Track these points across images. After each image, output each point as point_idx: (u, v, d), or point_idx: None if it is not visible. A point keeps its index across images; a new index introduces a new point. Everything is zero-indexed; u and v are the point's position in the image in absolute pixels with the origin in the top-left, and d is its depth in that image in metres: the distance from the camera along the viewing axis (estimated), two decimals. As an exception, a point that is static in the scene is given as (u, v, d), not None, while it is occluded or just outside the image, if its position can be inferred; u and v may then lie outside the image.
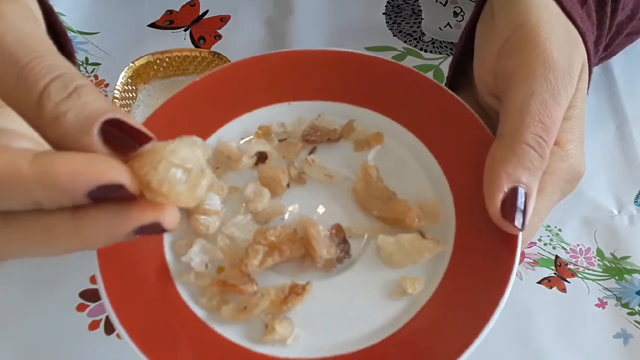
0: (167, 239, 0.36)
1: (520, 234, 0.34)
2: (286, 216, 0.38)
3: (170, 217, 0.26)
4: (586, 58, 0.38)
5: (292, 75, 0.42)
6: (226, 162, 0.40)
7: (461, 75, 0.44)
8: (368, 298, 0.35)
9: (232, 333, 0.34)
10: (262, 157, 0.39)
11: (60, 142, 0.26)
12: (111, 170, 0.24)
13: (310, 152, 0.40)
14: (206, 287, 0.35)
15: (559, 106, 0.35)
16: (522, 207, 0.33)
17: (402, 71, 0.41)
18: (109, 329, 0.45)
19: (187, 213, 0.36)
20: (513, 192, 0.33)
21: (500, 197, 0.33)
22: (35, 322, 0.45)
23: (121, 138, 0.26)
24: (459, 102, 0.38)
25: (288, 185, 0.39)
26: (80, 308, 0.46)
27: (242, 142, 0.41)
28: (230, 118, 0.41)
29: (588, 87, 0.39)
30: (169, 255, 0.36)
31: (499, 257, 0.34)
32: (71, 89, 0.26)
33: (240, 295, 0.34)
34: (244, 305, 0.33)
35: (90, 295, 0.46)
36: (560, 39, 0.36)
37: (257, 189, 0.38)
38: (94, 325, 0.45)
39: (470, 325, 0.32)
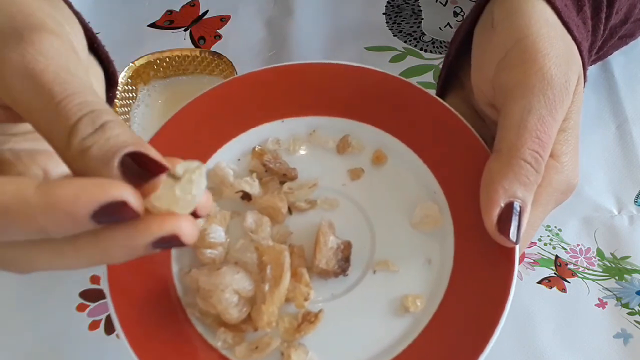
0: (174, 268, 0.37)
1: (517, 246, 0.34)
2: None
3: (187, 229, 0.26)
4: (582, 69, 0.39)
5: (284, 91, 0.41)
6: (220, 187, 0.39)
7: (453, 77, 0.44)
8: (375, 317, 0.35)
9: None
10: (246, 196, 0.39)
11: (85, 175, 0.26)
12: (112, 188, 0.24)
13: (282, 183, 0.39)
14: (213, 326, 0.35)
15: (555, 121, 0.35)
16: (517, 222, 0.34)
17: (396, 83, 0.40)
18: (109, 329, 0.45)
19: (193, 246, 0.36)
20: (509, 207, 0.34)
21: (496, 211, 0.34)
22: (35, 322, 0.45)
23: (138, 172, 0.26)
24: (454, 114, 0.39)
25: (290, 212, 0.38)
26: (80, 308, 0.46)
27: (239, 161, 0.40)
28: (225, 140, 0.40)
29: None
30: (179, 289, 0.36)
31: (498, 269, 0.34)
32: (98, 125, 0.26)
33: (242, 333, 0.34)
34: (256, 345, 0.34)
35: (90, 295, 0.47)
36: (559, 54, 0.36)
37: (257, 218, 0.38)
38: (94, 325, 0.45)
39: (476, 339, 0.33)
